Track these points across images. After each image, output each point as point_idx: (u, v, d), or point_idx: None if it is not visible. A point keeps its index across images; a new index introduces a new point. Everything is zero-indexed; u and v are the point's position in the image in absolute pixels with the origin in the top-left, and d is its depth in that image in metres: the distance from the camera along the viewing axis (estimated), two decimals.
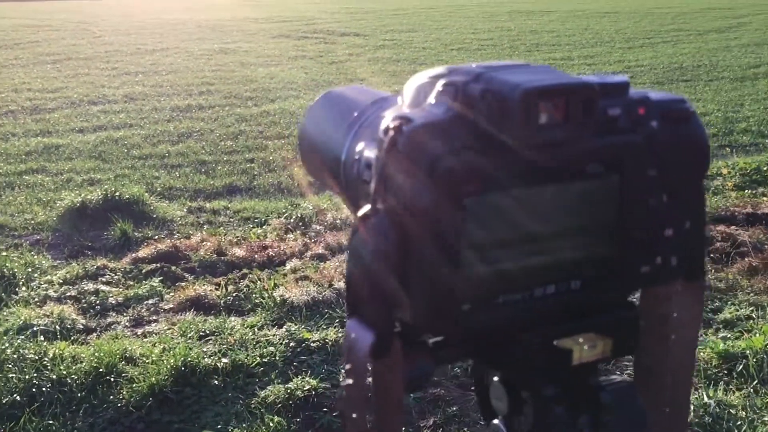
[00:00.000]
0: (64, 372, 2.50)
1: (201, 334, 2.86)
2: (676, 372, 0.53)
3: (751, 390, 2.43)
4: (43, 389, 2.42)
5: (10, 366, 2.50)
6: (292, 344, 2.75)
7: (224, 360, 2.62)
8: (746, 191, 4.68)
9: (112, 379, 2.50)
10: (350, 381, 0.44)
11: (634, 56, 12.16)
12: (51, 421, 2.30)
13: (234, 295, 3.28)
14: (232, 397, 2.46)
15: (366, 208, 0.44)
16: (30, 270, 3.51)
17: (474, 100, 0.42)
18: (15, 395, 2.38)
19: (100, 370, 2.52)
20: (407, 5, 27.55)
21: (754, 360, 2.56)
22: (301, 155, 0.64)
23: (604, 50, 13.04)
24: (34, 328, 2.81)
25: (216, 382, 2.53)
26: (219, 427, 2.31)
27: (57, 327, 2.88)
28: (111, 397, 2.43)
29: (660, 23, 18.21)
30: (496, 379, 0.51)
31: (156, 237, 4.09)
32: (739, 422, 2.24)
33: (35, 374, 2.48)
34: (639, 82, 9.53)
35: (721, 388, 2.45)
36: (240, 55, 12.34)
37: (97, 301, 3.23)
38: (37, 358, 2.56)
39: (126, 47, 13.33)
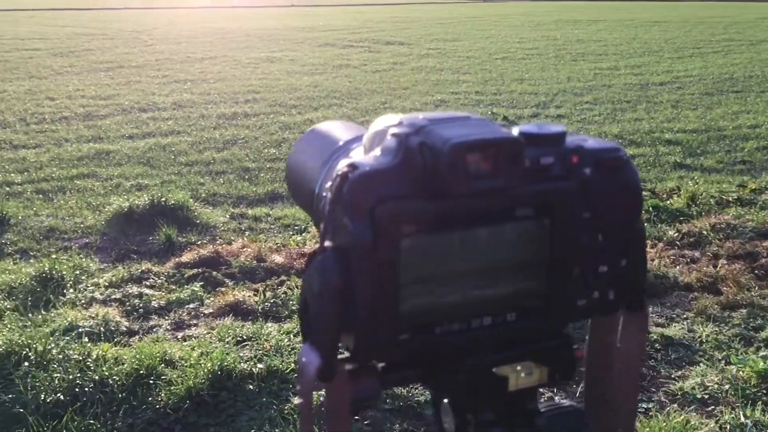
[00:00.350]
0: (106, 373, 2.58)
1: (238, 339, 2.92)
2: (622, 396, 0.57)
3: None
4: (86, 389, 2.51)
5: (55, 366, 2.60)
6: None
7: (260, 365, 2.67)
8: None
9: (152, 381, 2.58)
10: (300, 400, 0.49)
11: (683, 66, 11.94)
12: (92, 421, 2.38)
13: (272, 301, 3.34)
14: (267, 402, 2.51)
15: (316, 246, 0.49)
16: (78, 272, 3.63)
17: (413, 152, 0.46)
18: (59, 394, 2.47)
19: (141, 372, 2.60)
20: (453, 14, 27.56)
21: None
22: (287, 185, 0.69)
23: (652, 60, 12.84)
24: (80, 330, 2.91)
25: (251, 386, 2.58)
26: (253, 431, 2.36)
27: (101, 329, 2.97)
28: (150, 398, 2.51)
29: (711, 33, 17.83)
30: (446, 400, 0.55)
31: (199, 242, 4.19)
32: None
33: (78, 374, 2.57)
34: (688, 93, 9.37)
35: (759, 408, 2.40)
36: (286, 64, 12.52)
37: (141, 305, 3.32)
38: (81, 358, 2.65)
39: (176, 55, 13.65)
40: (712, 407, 2.51)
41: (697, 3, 35.57)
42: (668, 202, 4.82)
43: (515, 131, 0.50)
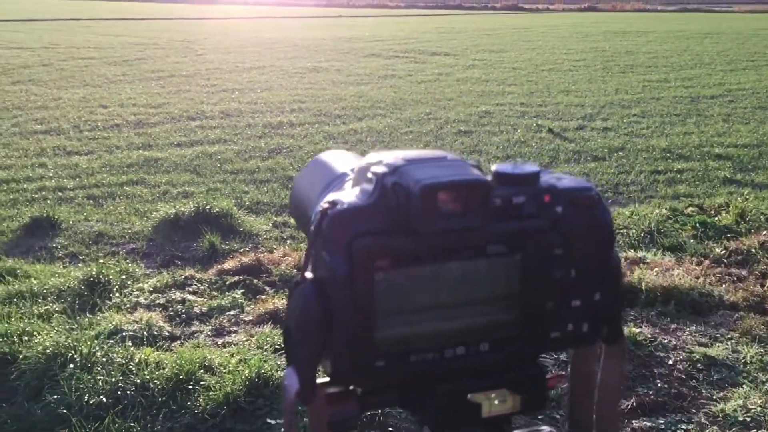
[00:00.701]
0: (148, 377, 2.64)
1: (276, 347, 2.96)
2: (603, 424, 0.58)
3: None
4: (127, 392, 2.57)
5: (99, 368, 2.67)
6: None
7: None
8: None
9: (191, 387, 2.63)
10: (283, 419, 0.52)
11: (736, 79, 11.66)
12: (132, 424, 2.44)
13: None
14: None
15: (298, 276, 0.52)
16: (124, 277, 3.73)
17: (388, 191, 0.49)
18: (101, 396, 2.54)
19: (181, 377, 2.65)
20: (499, 25, 27.45)
21: None
22: (290, 209, 0.73)
23: (703, 72, 12.58)
24: (123, 333, 2.99)
25: None
26: None
27: (144, 333, 3.05)
28: (189, 403, 2.56)
29: (765, 45, 17.38)
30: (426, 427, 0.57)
31: (241, 250, 4.26)
32: None
33: (121, 377, 2.63)
34: (740, 107, 9.15)
35: None
36: (331, 74, 12.65)
37: (183, 310, 3.39)
38: (124, 362, 2.72)
39: (225, 65, 13.91)
40: (755, 430, 2.45)
41: (751, 15, 34.74)
42: (716, 218, 4.72)
43: (493, 169, 0.53)
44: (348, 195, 0.50)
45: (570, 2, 53.42)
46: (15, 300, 3.34)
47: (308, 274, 0.50)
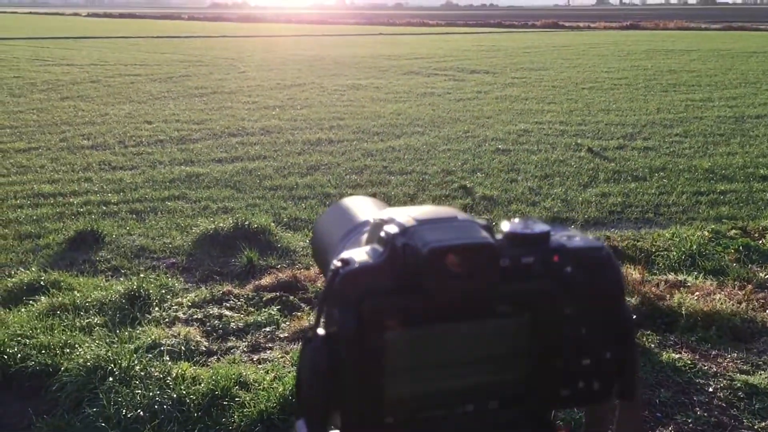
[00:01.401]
0: (184, 392, 2.69)
1: None
2: None
3: None
4: (164, 407, 2.62)
5: (137, 382, 2.72)
6: None
7: None
8: None
9: (226, 402, 2.66)
10: None
11: None
12: None
13: None
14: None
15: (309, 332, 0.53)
16: (164, 291, 3.79)
17: (398, 251, 0.50)
18: (139, 410, 2.59)
19: (216, 392, 2.69)
20: (539, 43, 27.33)
21: None
22: (311, 251, 0.75)
23: (748, 91, 12.33)
24: (162, 348, 3.04)
25: None
26: None
27: (182, 347, 3.10)
28: (224, 419, 2.59)
29: None
30: None
31: (278, 266, 4.30)
32: None
33: (158, 392, 2.68)
34: None
35: None
36: (371, 91, 12.74)
37: (220, 326, 3.44)
38: (161, 376, 2.77)
39: (267, 82, 14.13)
40: None
41: None
42: (760, 242, 4.61)
43: (503, 227, 0.54)
44: (360, 253, 0.52)
45: (611, 20, 53.01)
46: (58, 312, 3.43)
47: (320, 330, 0.51)
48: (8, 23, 49.00)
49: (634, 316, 0.56)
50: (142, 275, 4.03)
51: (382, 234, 0.52)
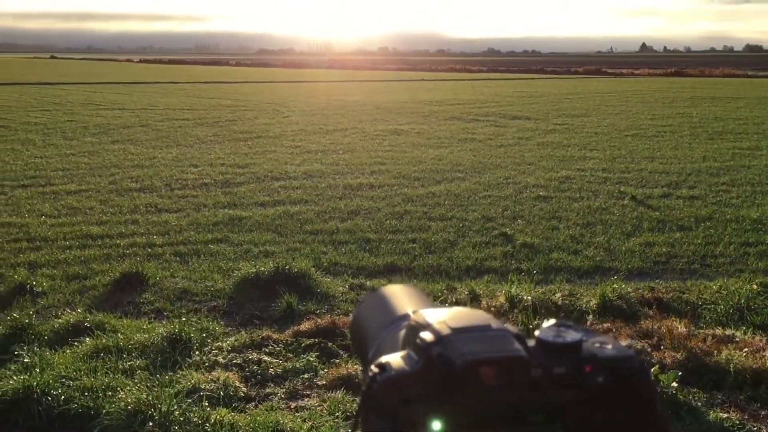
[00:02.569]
0: None
1: (348, 414, 2.96)
2: None
3: None
4: None
5: (176, 428, 2.74)
6: None
7: None
8: None
9: None
10: None
11: None
12: None
13: None
14: None
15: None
16: (204, 335, 3.83)
17: (434, 360, 0.53)
18: None
19: None
20: (581, 89, 27.32)
21: None
22: (350, 337, 0.77)
23: None
24: (201, 393, 3.06)
25: None
26: None
27: (221, 393, 3.11)
28: None
29: None
30: None
31: (317, 311, 4.31)
32: None
33: None
34: None
35: None
36: (412, 137, 12.85)
37: (259, 371, 3.45)
38: (200, 422, 2.79)
39: (310, 127, 14.38)
40: None
41: None
42: None
43: (536, 334, 0.55)
44: (396, 360, 0.54)
45: (655, 67, 52.76)
46: (102, 354, 3.48)
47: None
48: (64, 69, 51.06)
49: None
50: (183, 318, 4.08)
51: (419, 341, 0.54)
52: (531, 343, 0.55)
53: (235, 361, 3.55)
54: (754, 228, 6.41)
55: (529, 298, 4.40)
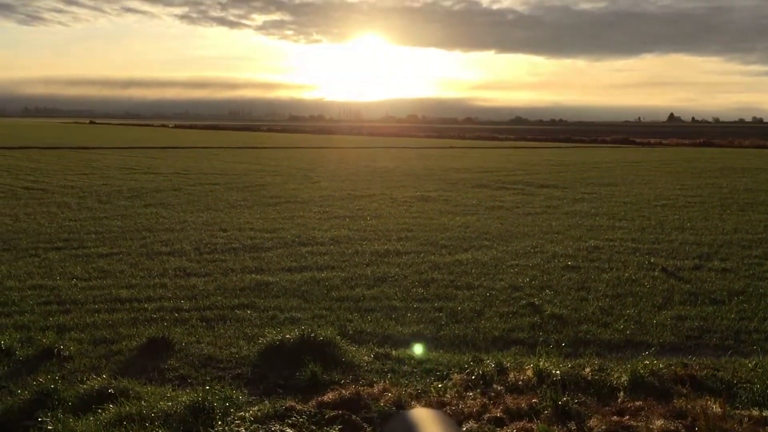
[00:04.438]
0: None
1: None
2: None
3: None
4: None
5: None
6: None
7: None
8: None
9: None
10: None
11: None
12: None
13: None
14: None
15: None
16: (227, 404, 3.80)
17: None
18: None
19: None
20: (609, 159, 27.34)
21: None
22: None
23: None
24: None
25: None
26: None
27: None
28: None
29: None
30: None
31: (342, 381, 4.26)
32: None
33: None
34: None
35: None
36: (439, 203, 12.91)
37: None
38: None
39: (338, 192, 14.53)
40: None
41: None
42: None
43: None
44: None
45: (683, 137, 52.72)
46: (125, 423, 3.46)
47: None
48: (101, 133, 52.57)
49: None
50: (207, 387, 4.05)
51: None
52: None
53: None
54: None
55: (558, 372, 4.30)
